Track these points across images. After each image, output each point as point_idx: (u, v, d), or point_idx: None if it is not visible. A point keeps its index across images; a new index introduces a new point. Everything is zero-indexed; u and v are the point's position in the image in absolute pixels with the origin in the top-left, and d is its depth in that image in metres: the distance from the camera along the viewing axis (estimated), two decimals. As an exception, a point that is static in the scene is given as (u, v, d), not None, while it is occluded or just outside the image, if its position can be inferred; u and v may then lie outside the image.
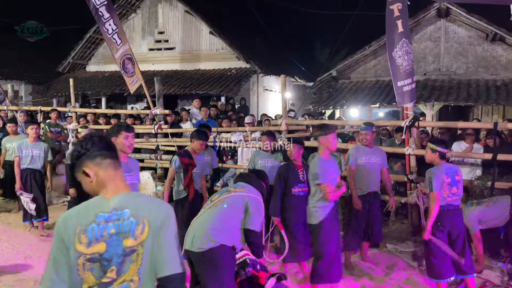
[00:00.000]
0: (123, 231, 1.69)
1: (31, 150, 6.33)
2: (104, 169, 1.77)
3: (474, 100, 9.74)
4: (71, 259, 1.66)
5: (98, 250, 1.67)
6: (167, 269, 1.71)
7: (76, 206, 1.79)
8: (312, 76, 15.96)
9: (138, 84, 8.34)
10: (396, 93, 5.87)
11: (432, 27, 11.54)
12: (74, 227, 1.67)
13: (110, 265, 1.67)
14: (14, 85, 10.74)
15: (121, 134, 3.73)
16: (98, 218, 1.69)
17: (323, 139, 4.08)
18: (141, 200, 1.79)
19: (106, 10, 7.96)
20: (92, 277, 1.66)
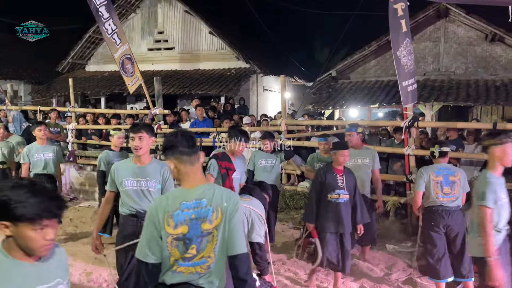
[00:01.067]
0: (201, 216, 2.09)
1: (43, 153, 5.75)
2: (183, 164, 2.16)
3: (474, 100, 9.75)
4: (162, 238, 2.05)
5: (182, 231, 2.06)
6: (235, 249, 2.11)
7: (164, 195, 2.26)
8: (312, 76, 15.97)
9: (137, 84, 8.34)
10: (401, 93, 5.87)
11: (432, 27, 11.54)
12: (164, 213, 2.06)
13: (191, 243, 2.07)
14: (13, 84, 10.73)
15: None
16: (182, 206, 2.08)
17: (497, 149, 3.10)
18: (216, 191, 2.15)
19: (106, 10, 7.96)
20: (177, 252, 2.07)
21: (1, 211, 1.52)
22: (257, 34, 16.89)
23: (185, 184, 2.16)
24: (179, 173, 2.17)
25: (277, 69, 14.69)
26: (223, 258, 2.14)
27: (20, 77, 16.53)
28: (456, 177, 4.20)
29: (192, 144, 2.19)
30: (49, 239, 1.59)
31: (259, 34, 16.89)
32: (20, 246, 1.57)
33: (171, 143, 2.18)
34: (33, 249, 1.58)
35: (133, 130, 3.45)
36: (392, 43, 5.81)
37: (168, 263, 2.08)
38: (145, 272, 2.06)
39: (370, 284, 4.61)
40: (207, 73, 14.00)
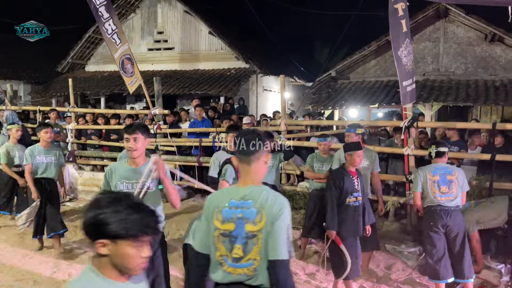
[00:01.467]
0: (246, 217, 2.11)
1: (45, 156, 5.54)
2: (240, 163, 2.25)
3: (473, 100, 9.75)
4: (211, 231, 2.15)
5: (229, 228, 2.12)
6: (276, 253, 2.04)
7: (221, 190, 2.38)
8: (311, 76, 15.97)
9: (137, 84, 8.34)
10: (401, 93, 5.88)
11: (431, 27, 11.55)
12: (214, 207, 2.16)
13: (235, 242, 2.11)
14: (13, 85, 10.73)
15: None
16: (230, 203, 2.14)
17: None
18: (263, 193, 2.14)
19: (106, 10, 7.96)
20: (223, 248, 2.13)
21: (101, 229, 1.44)
22: (256, 34, 16.89)
23: (239, 182, 2.25)
24: (240, 171, 2.29)
25: (276, 69, 14.69)
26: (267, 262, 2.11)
27: (19, 77, 16.52)
28: (454, 176, 4.19)
29: (250, 144, 2.21)
30: (145, 256, 1.52)
31: (259, 34, 16.89)
32: (115, 264, 1.50)
33: (234, 142, 2.29)
34: (130, 267, 1.50)
35: (128, 131, 3.29)
36: (392, 43, 5.81)
37: (214, 258, 2.16)
38: (193, 257, 2.25)
39: (370, 284, 4.61)
40: (206, 73, 14.00)
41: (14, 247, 5.73)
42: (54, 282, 4.62)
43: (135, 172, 3.29)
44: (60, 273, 4.86)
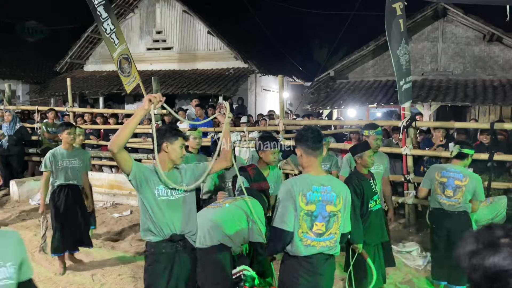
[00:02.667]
0: (327, 200, 2.58)
1: (68, 160, 4.92)
2: (308, 155, 2.63)
3: (471, 100, 9.77)
4: (297, 211, 2.53)
5: (311, 209, 2.55)
6: (346, 228, 2.73)
7: (293, 179, 2.67)
8: (310, 76, 15.98)
9: (134, 84, 8.33)
10: (399, 93, 5.90)
11: (430, 27, 11.57)
12: (299, 191, 2.54)
13: (316, 220, 2.56)
14: (11, 84, 10.70)
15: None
16: (313, 188, 2.55)
17: None
18: (336, 181, 2.71)
19: (104, 10, 7.96)
20: (305, 225, 2.56)
21: None
22: (255, 34, 16.89)
23: (310, 171, 2.64)
24: (303, 161, 2.66)
25: (275, 69, 14.70)
26: (343, 236, 2.73)
27: (18, 77, 16.49)
28: (463, 183, 3.98)
29: (319, 140, 2.64)
30: None
31: (257, 34, 16.88)
32: None
33: (302, 136, 2.65)
34: None
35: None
36: (391, 42, 5.82)
37: (296, 235, 2.55)
38: (282, 237, 2.55)
39: (368, 283, 4.61)
40: (205, 73, 13.99)
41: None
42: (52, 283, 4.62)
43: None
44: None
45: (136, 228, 6.31)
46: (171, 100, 13.96)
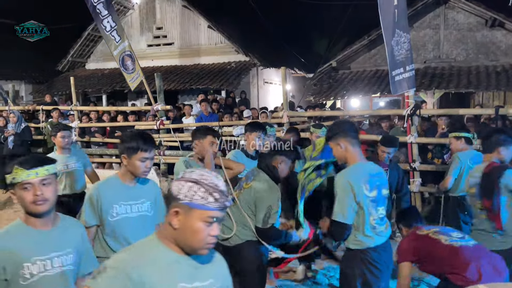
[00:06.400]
0: (382, 183, 2.69)
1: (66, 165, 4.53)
2: (353, 145, 2.67)
3: (475, 86, 9.74)
4: (362, 200, 2.57)
5: (374, 195, 2.61)
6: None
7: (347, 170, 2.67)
8: (312, 67, 15.93)
9: (138, 80, 8.35)
10: (390, 82, 5.91)
11: (431, 14, 11.50)
12: (359, 182, 2.58)
13: (378, 205, 2.64)
14: (15, 85, 10.76)
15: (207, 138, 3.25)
16: (370, 175, 2.63)
17: None
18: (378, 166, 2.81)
19: (104, 8, 7.94)
20: (373, 212, 2.61)
21: None
22: (256, 26, 16.82)
23: (359, 160, 2.68)
24: (350, 153, 2.68)
25: (276, 61, 14.67)
26: None
27: (20, 77, 16.55)
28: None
29: (357, 129, 2.78)
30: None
31: (258, 27, 16.82)
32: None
33: (341, 129, 2.69)
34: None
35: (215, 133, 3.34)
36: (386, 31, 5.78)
37: (368, 224, 2.60)
38: (343, 231, 2.61)
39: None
40: (207, 67, 13.99)
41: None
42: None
43: None
44: None
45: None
46: (174, 96, 13.98)
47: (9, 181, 1.92)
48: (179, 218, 1.42)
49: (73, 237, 2.06)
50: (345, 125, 2.74)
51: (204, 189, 1.40)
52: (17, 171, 1.88)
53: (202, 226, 1.41)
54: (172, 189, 1.45)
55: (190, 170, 1.48)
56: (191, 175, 1.44)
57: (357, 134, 2.72)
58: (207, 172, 1.46)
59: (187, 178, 1.43)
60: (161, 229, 1.51)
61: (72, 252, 2.02)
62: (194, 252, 1.47)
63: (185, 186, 1.41)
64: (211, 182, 1.42)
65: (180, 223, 1.42)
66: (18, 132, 8.59)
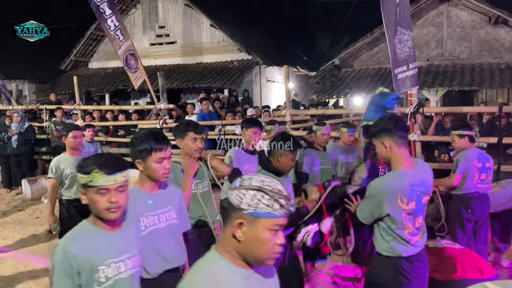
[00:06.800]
0: (425, 192, 2.45)
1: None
2: (399, 146, 2.40)
3: (478, 84, 9.70)
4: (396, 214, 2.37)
5: (412, 207, 2.38)
6: None
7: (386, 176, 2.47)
8: (314, 65, 15.91)
9: (141, 79, 8.37)
10: (393, 80, 5.90)
11: (434, 12, 11.46)
12: (398, 193, 2.35)
13: (416, 215, 2.42)
14: (18, 84, 10.80)
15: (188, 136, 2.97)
16: (413, 185, 2.37)
17: None
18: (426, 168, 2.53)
19: (108, 7, 7.96)
20: (409, 225, 2.40)
21: None
22: (258, 25, 16.81)
23: (403, 165, 2.41)
24: (395, 155, 2.41)
25: (279, 60, 14.65)
26: None
27: (24, 76, 16.60)
28: (490, 164, 4.15)
29: (406, 127, 2.43)
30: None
31: (260, 25, 16.80)
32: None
33: (388, 126, 2.41)
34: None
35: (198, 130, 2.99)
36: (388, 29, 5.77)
37: (402, 236, 2.40)
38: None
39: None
40: (209, 66, 13.99)
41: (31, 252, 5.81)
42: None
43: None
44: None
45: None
46: (177, 95, 14.00)
47: (83, 182, 1.82)
48: (244, 230, 1.33)
49: (136, 237, 2.03)
50: (393, 121, 2.44)
51: (269, 196, 1.32)
52: (95, 175, 1.78)
53: (269, 235, 1.33)
54: (232, 199, 1.35)
55: (248, 177, 1.38)
56: (251, 182, 1.35)
57: (405, 134, 2.45)
58: (267, 178, 1.38)
59: (247, 186, 1.34)
60: (221, 243, 1.40)
61: (137, 254, 1.98)
62: (260, 264, 1.39)
63: (247, 195, 1.33)
64: (274, 188, 1.34)
65: (245, 234, 1.33)
66: (22, 131, 8.62)
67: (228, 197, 1.38)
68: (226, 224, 1.38)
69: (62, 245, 1.81)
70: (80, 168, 1.82)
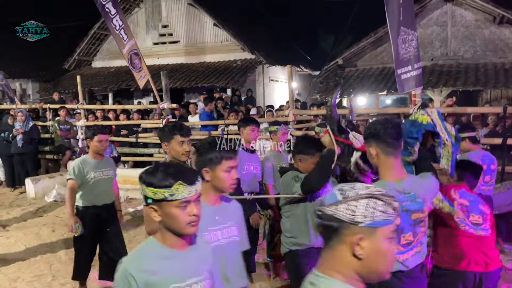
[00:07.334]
0: (413, 209, 2.17)
1: (102, 171, 4.02)
2: (387, 156, 2.17)
3: (483, 84, 9.66)
4: None
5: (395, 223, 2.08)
6: None
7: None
8: (318, 65, 15.87)
9: (146, 79, 8.39)
10: (397, 81, 5.88)
11: (439, 11, 11.41)
12: None
13: (403, 232, 2.17)
14: (22, 83, 10.82)
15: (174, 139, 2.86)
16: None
17: None
18: (418, 181, 2.25)
19: (113, 6, 7.99)
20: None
21: None
22: (261, 24, 16.79)
23: (387, 177, 2.19)
24: (381, 163, 2.21)
25: (282, 59, 14.62)
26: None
27: (27, 75, 16.63)
28: (495, 165, 4.12)
29: (400, 136, 2.19)
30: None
31: (263, 24, 16.78)
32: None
33: (378, 131, 2.17)
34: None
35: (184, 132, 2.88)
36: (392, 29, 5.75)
37: None
38: None
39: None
40: (213, 65, 13.99)
41: (30, 245, 5.82)
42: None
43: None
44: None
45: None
46: (180, 94, 14.00)
47: (160, 198, 1.58)
48: (363, 245, 1.18)
49: (206, 258, 1.78)
50: (383, 127, 2.18)
51: (382, 202, 1.19)
52: (179, 187, 1.57)
53: (389, 245, 1.21)
54: (339, 215, 1.19)
55: (346, 187, 1.24)
56: (356, 191, 1.21)
57: (396, 142, 2.17)
58: (364, 184, 1.26)
59: (355, 196, 1.20)
60: (330, 265, 1.23)
61: (207, 278, 1.74)
62: (379, 280, 1.25)
63: (359, 206, 1.18)
64: (382, 192, 1.22)
65: (366, 250, 1.19)
66: (26, 130, 8.65)
67: (325, 213, 1.22)
68: (330, 243, 1.23)
69: (124, 264, 1.63)
70: (158, 182, 1.58)
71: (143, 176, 1.62)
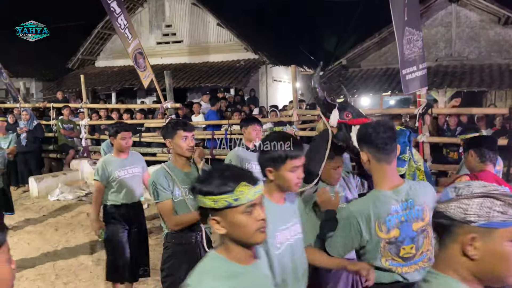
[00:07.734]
0: (412, 218, 2.02)
1: (127, 170, 3.89)
2: (379, 161, 2.04)
3: (488, 85, 9.61)
4: (373, 241, 2.01)
5: (394, 235, 2.01)
6: None
7: (364, 199, 2.10)
8: (321, 65, 15.80)
9: (150, 78, 8.40)
10: (402, 81, 5.86)
11: (443, 12, 11.36)
12: (373, 219, 1.99)
13: (402, 244, 2.02)
14: (25, 82, 10.85)
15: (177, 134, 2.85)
16: (392, 210, 2.00)
17: None
18: (416, 187, 2.08)
19: (117, 5, 8.01)
20: (389, 254, 2.03)
21: None
22: (265, 24, 16.77)
23: (383, 186, 2.05)
24: (372, 169, 2.08)
25: (286, 59, 14.59)
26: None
27: (31, 75, 16.67)
28: (500, 166, 3.95)
29: (393, 139, 2.03)
30: None
31: (267, 24, 16.76)
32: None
33: (368, 136, 2.04)
34: None
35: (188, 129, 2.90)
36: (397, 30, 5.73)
37: (379, 262, 2.04)
38: None
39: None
40: (216, 65, 13.98)
41: (33, 243, 5.82)
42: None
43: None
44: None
45: (154, 221, 6.39)
46: (183, 94, 14.00)
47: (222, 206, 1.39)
48: (477, 245, 1.14)
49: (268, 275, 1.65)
50: (373, 130, 2.04)
51: (501, 202, 1.13)
52: (244, 189, 1.39)
53: (510, 248, 1.15)
54: (451, 213, 1.17)
55: (462, 185, 1.20)
56: (471, 189, 1.17)
57: (389, 147, 2.02)
58: (481, 182, 1.20)
59: (469, 195, 1.16)
60: (447, 264, 1.21)
61: None
62: (501, 284, 1.20)
63: (473, 205, 1.14)
64: (502, 191, 1.15)
65: (480, 251, 1.15)
66: (30, 129, 8.66)
67: (437, 211, 1.22)
68: (444, 242, 1.21)
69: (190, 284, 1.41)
70: (218, 188, 1.39)
71: (196, 186, 1.43)
